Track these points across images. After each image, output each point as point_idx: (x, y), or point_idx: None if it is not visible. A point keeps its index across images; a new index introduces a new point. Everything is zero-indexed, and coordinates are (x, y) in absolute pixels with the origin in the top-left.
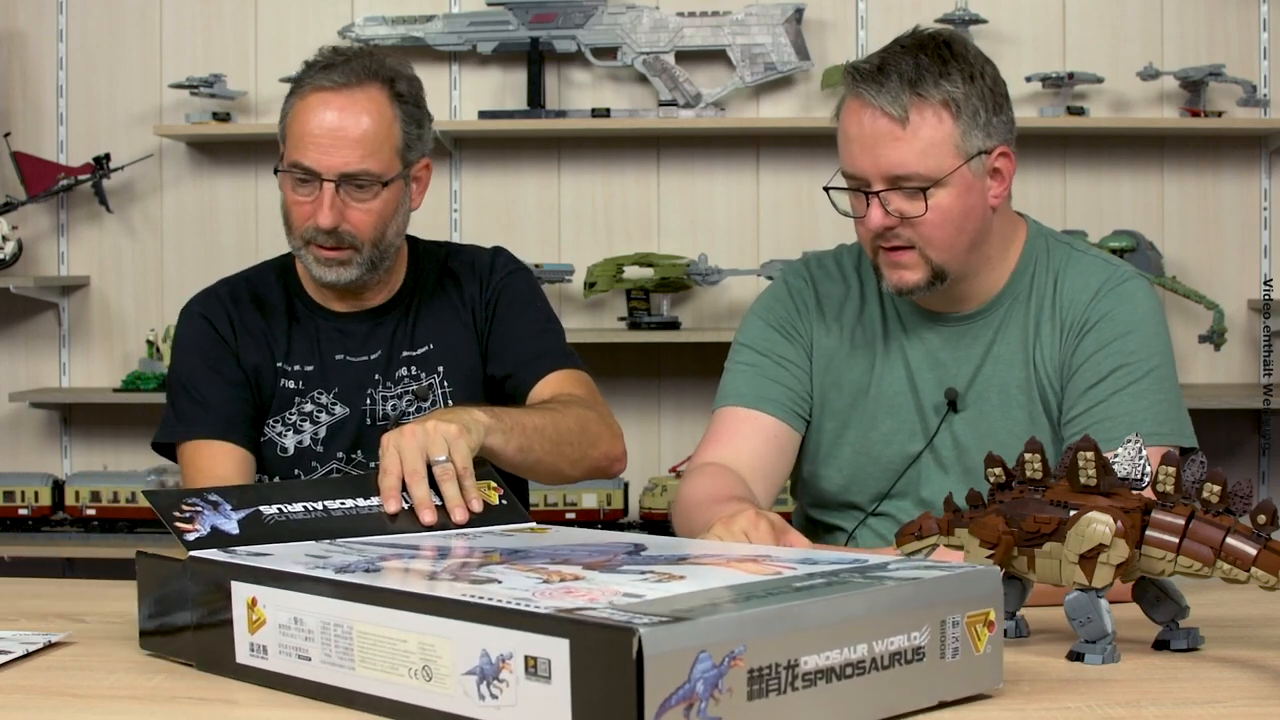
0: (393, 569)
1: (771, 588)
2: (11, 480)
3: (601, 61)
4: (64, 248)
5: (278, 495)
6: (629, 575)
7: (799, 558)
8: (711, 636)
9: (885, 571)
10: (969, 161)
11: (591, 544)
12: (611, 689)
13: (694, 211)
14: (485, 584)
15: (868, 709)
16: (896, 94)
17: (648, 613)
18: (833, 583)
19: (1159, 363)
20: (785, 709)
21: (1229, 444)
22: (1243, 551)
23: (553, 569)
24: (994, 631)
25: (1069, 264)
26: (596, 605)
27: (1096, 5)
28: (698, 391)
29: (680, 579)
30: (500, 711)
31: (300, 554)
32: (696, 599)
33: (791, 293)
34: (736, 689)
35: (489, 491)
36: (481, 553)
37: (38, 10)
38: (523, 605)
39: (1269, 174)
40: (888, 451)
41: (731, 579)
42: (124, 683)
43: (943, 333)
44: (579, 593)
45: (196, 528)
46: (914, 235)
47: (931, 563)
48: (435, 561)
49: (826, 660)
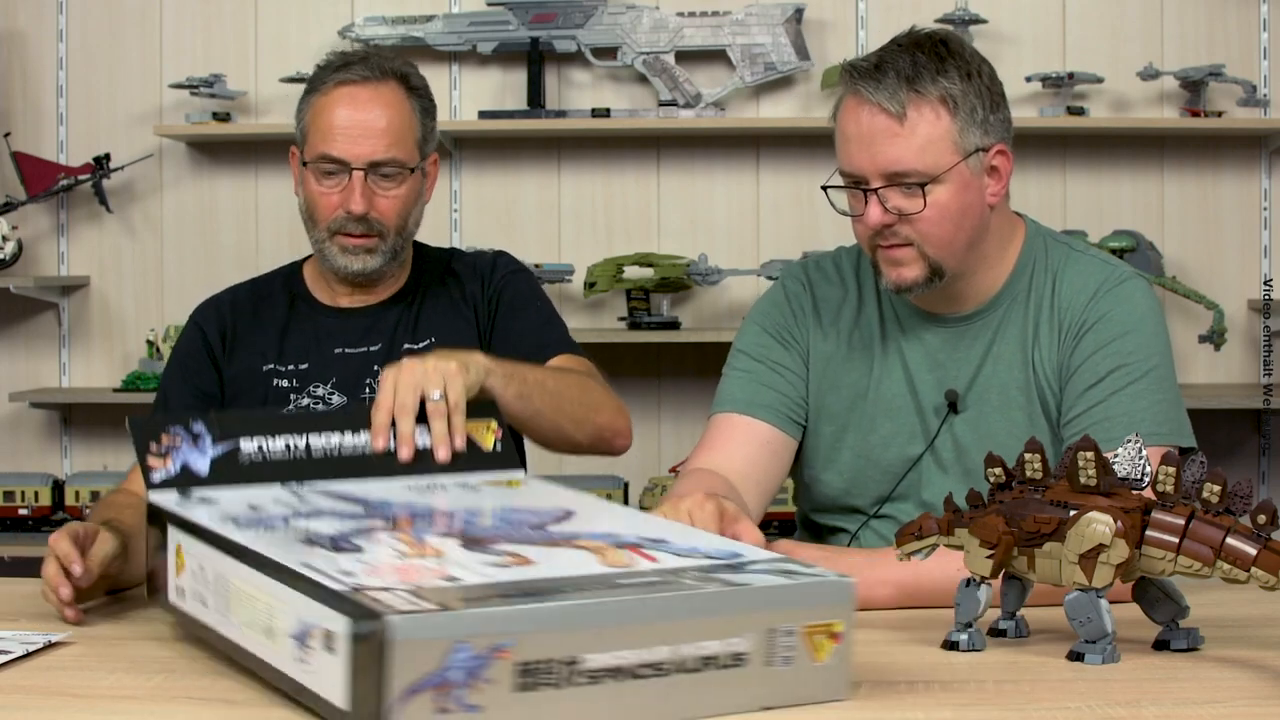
0: (287, 530)
1: (595, 583)
2: (11, 480)
3: (601, 61)
4: (64, 248)
5: (264, 427)
6: (486, 556)
7: (683, 547)
8: (471, 629)
9: (735, 574)
10: (967, 158)
11: (526, 509)
12: (368, 668)
13: (694, 211)
14: (346, 553)
15: (670, 708)
16: (894, 91)
17: (428, 600)
18: (656, 584)
19: (1158, 363)
20: (561, 703)
21: (1229, 444)
22: (1243, 551)
23: (426, 541)
24: (840, 643)
25: (1067, 264)
26: (399, 588)
27: (1096, 5)
28: (698, 391)
29: (527, 564)
30: (309, 675)
31: (243, 503)
32: (491, 590)
33: (788, 297)
34: (502, 680)
35: (486, 433)
36: (408, 515)
37: (38, 10)
38: (334, 580)
39: (1269, 174)
40: (887, 454)
41: (574, 568)
42: (124, 683)
43: (941, 334)
44: (411, 571)
45: (167, 465)
46: (912, 232)
47: (787, 569)
48: (343, 520)
49: (616, 659)
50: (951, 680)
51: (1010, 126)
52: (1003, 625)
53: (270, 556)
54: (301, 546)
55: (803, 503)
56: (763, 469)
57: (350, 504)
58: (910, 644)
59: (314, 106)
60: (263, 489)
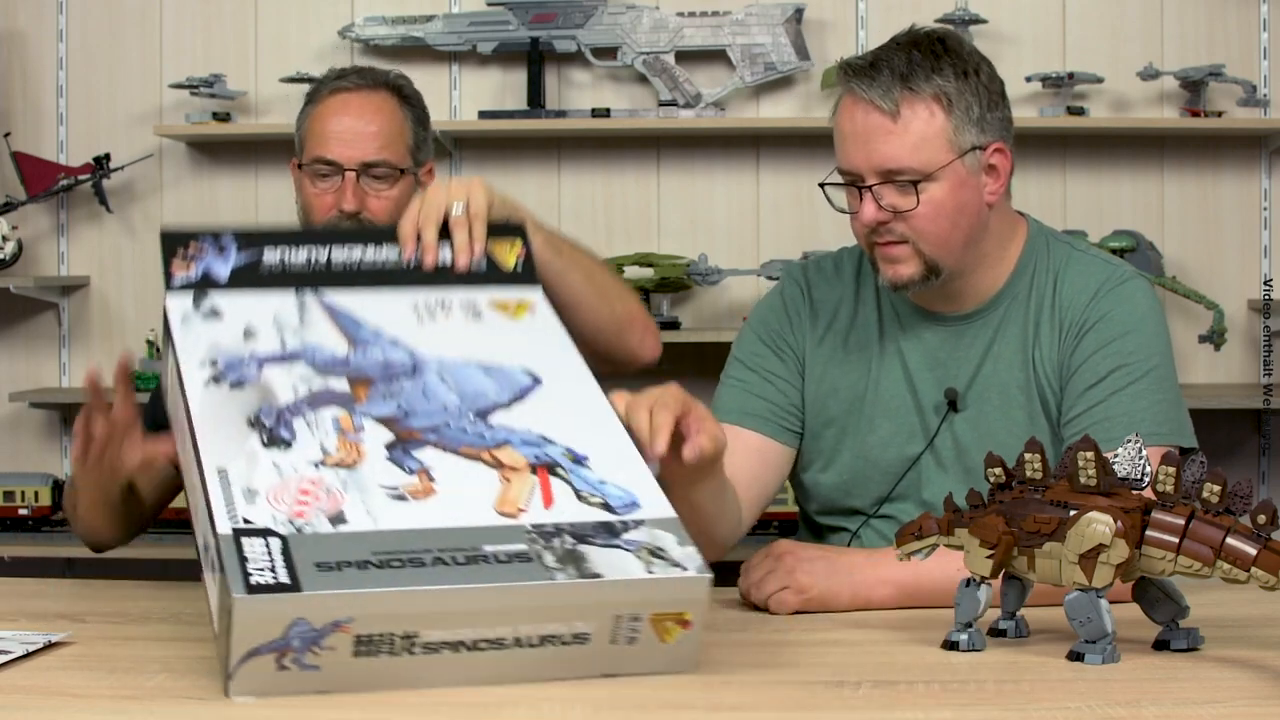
0: (247, 393)
1: (458, 548)
2: (11, 480)
3: (601, 61)
4: (64, 248)
5: (290, 239)
6: (396, 475)
7: (592, 481)
8: (310, 609)
9: (605, 547)
10: (962, 156)
11: (496, 371)
12: (223, 620)
13: (694, 211)
14: (275, 447)
15: (508, 674)
16: (888, 88)
17: (282, 569)
18: (513, 563)
19: (1158, 363)
20: (399, 669)
21: (1229, 444)
22: (1243, 551)
23: (360, 434)
24: (690, 629)
25: (1069, 264)
26: (277, 530)
27: (1096, 5)
28: (698, 391)
29: (427, 494)
30: (210, 583)
31: (242, 324)
32: (352, 552)
33: (785, 303)
34: (341, 648)
35: (509, 251)
36: (378, 372)
37: (38, 10)
38: (228, 510)
39: (1269, 174)
40: (886, 454)
41: (461, 512)
42: (124, 683)
43: (941, 333)
44: (308, 500)
45: (189, 271)
46: (907, 230)
47: (656, 548)
48: (315, 373)
49: (456, 636)
50: (951, 680)
51: (1010, 126)
52: (1003, 625)
53: (201, 449)
54: (241, 430)
55: (804, 503)
56: (754, 477)
57: (340, 338)
58: (910, 644)
59: (310, 116)
60: (275, 295)
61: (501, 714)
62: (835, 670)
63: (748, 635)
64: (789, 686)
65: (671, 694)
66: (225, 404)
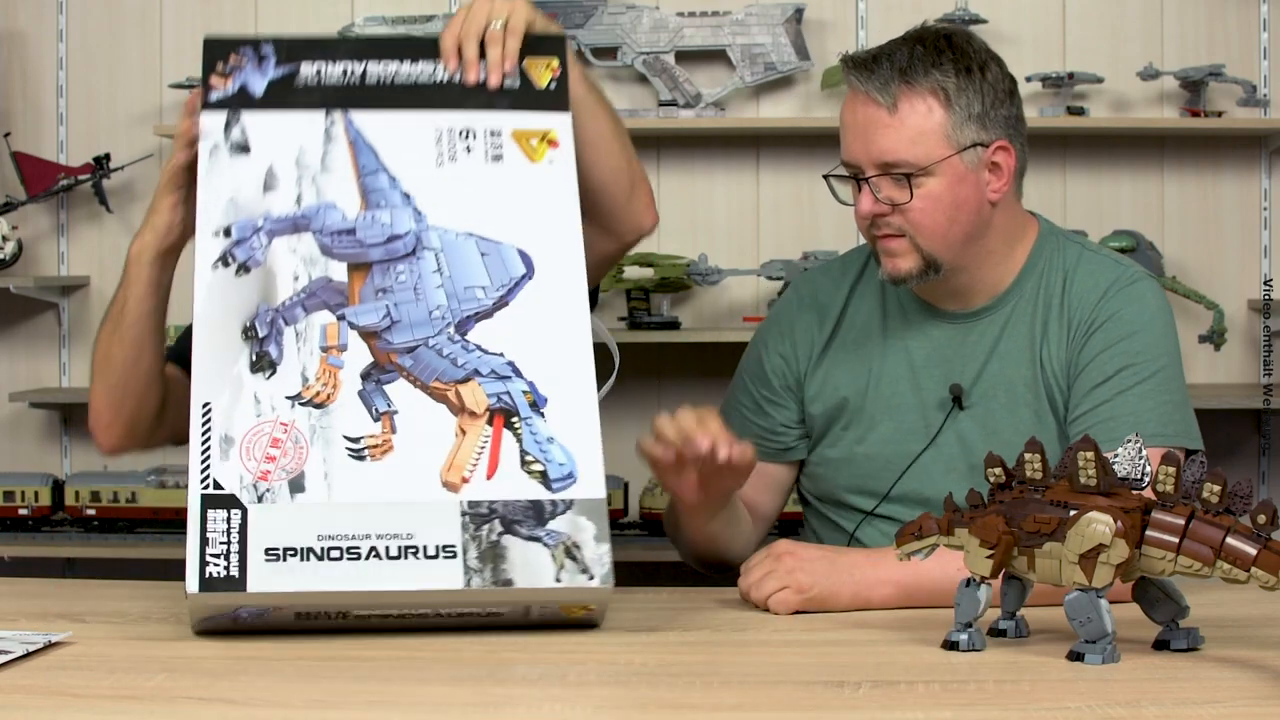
0: (251, 282)
1: (394, 525)
2: (11, 480)
3: (601, 61)
4: (64, 248)
5: (328, 51)
6: (357, 420)
7: (540, 439)
8: (254, 600)
9: (536, 525)
10: (961, 152)
11: (493, 250)
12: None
13: (694, 211)
14: (260, 373)
15: (428, 629)
16: (886, 81)
17: (235, 557)
18: (439, 555)
19: (1166, 364)
20: (335, 625)
21: (1229, 444)
22: (1243, 551)
23: (341, 357)
24: (593, 612)
25: (1080, 263)
26: (241, 500)
27: (1096, 5)
28: (698, 392)
29: (386, 452)
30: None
31: (264, 166)
32: (300, 534)
33: (789, 310)
34: (284, 614)
35: (544, 70)
36: (380, 252)
37: (38, 10)
38: (200, 465)
39: (1269, 174)
40: (886, 450)
41: (406, 485)
42: (124, 683)
43: (947, 329)
44: (275, 462)
45: (226, 85)
46: (904, 223)
47: (573, 544)
48: (309, 265)
49: (383, 613)
50: (951, 680)
51: (1019, 124)
52: (1003, 625)
53: (195, 368)
54: (234, 342)
55: (807, 487)
56: (758, 500)
57: (354, 190)
58: (910, 644)
59: None
60: (305, 118)
61: (501, 714)
62: (835, 670)
63: (748, 635)
64: (789, 686)
65: (671, 694)
66: (227, 298)
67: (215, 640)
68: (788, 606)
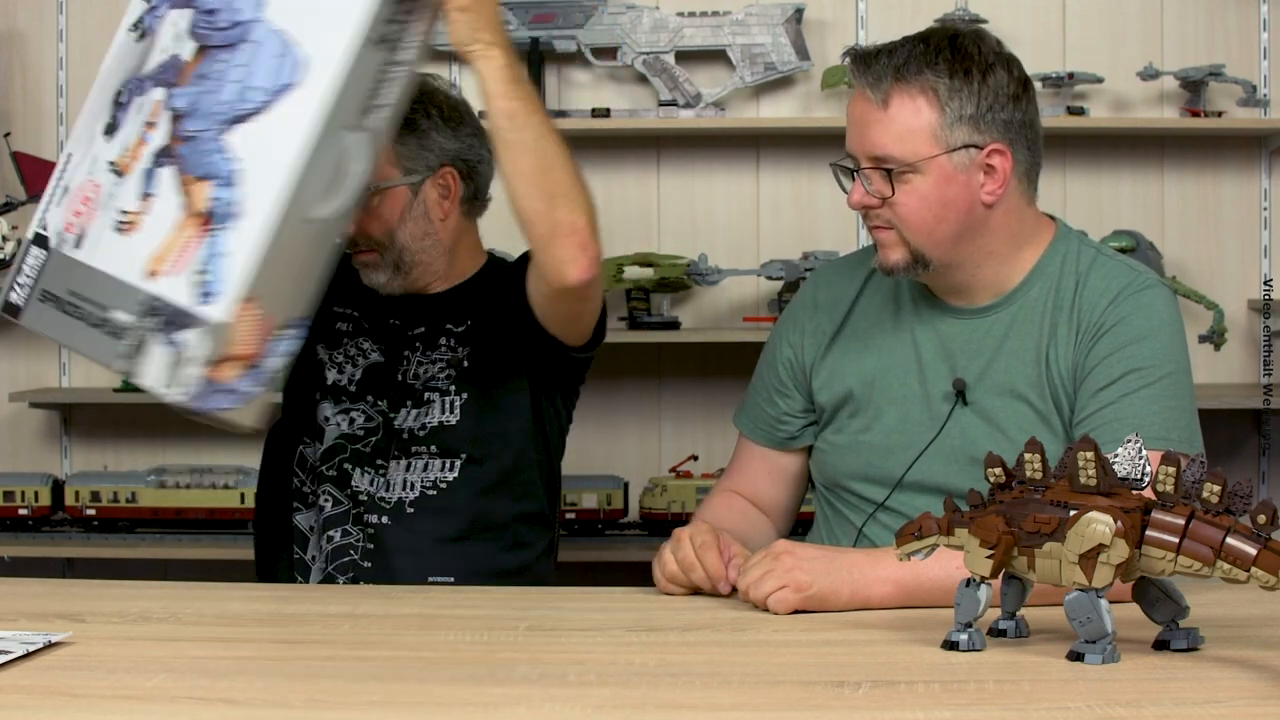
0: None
1: (108, 297)
2: (11, 480)
3: (601, 61)
4: None
5: None
6: (131, 196)
7: (216, 253)
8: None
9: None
10: (950, 153)
11: (289, 50)
12: None
13: (694, 211)
14: (106, 135)
15: None
16: (880, 78)
17: (22, 291)
18: (113, 336)
19: (1172, 370)
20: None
21: (1229, 444)
22: (1243, 551)
23: (146, 132)
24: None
25: (1094, 267)
26: (50, 231)
27: (1096, 5)
28: (698, 391)
29: (128, 231)
30: None
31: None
32: (62, 281)
33: (798, 305)
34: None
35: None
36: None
37: (38, 10)
38: (40, 218)
39: (1269, 174)
40: (890, 440)
41: (129, 268)
42: (124, 683)
43: (955, 324)
44: (88, 204)
45: None
46: (891, 216)
47: (168, 374)
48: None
49: None
50: (951, 680)
51: (1024, 129)
52: (1003, 625)
53: (77, 124)
54: (106, 104)
55: (815, 475)
56: (773, 493)
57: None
58: (910, 644)
59: None
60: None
61: (501, 714)
62: (835, 670)
63: (748, 635)
64: (789, 686)
65: (671, 694)
66: (121, 60)
67: (215, 640)
68: (787, 605)
